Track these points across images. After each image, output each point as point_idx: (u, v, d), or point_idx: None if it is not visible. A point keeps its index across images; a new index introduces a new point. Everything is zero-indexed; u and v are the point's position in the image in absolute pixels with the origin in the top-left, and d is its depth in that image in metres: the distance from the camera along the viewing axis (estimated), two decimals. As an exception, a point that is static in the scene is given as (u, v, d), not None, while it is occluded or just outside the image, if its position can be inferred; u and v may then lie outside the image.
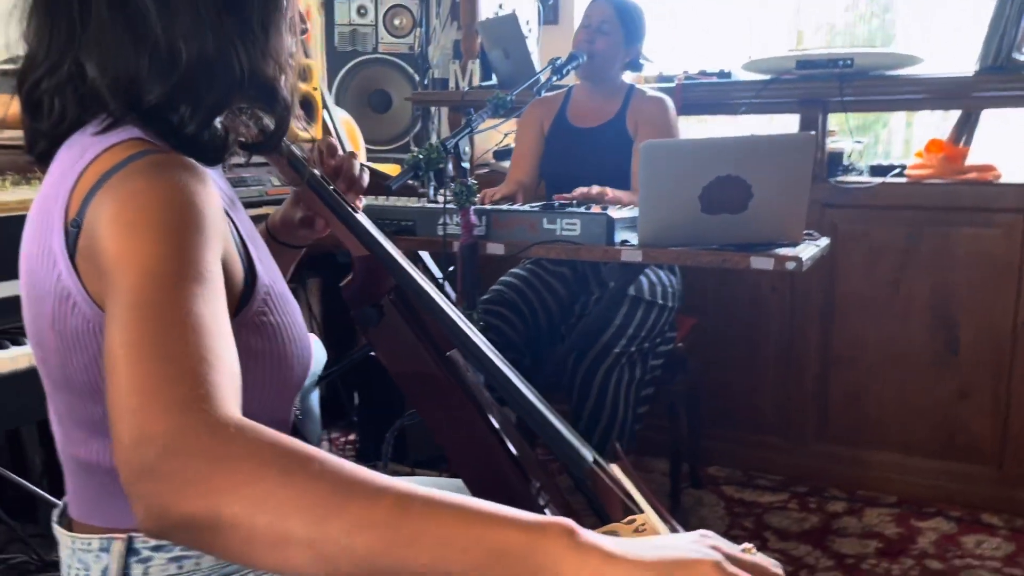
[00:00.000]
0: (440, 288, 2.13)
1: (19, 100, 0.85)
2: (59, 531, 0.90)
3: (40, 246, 0.80)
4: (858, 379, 2.72)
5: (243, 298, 0.85)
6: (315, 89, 2.94)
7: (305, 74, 2.86)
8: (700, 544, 0.65)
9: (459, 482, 1.09)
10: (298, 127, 0.94)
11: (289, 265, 1.18)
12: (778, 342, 2.80)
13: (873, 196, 2.60)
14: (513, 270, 2.45)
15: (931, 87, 2.51)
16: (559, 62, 2.24)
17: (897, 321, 2.64)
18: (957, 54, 2.83)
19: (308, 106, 2.91)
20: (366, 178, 1.15)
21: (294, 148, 1.05)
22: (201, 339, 0.66)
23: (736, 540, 0.69)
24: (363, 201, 1.14)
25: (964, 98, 2.49)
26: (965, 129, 2.64)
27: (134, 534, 0.85)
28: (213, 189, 0.80)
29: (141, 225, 0.72)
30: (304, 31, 0.93)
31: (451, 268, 2.00)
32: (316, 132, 2.95)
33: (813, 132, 1.83)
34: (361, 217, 1.08)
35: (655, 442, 2.69)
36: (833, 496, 2.68)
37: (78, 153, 0.81)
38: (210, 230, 0.75)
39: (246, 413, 0.66)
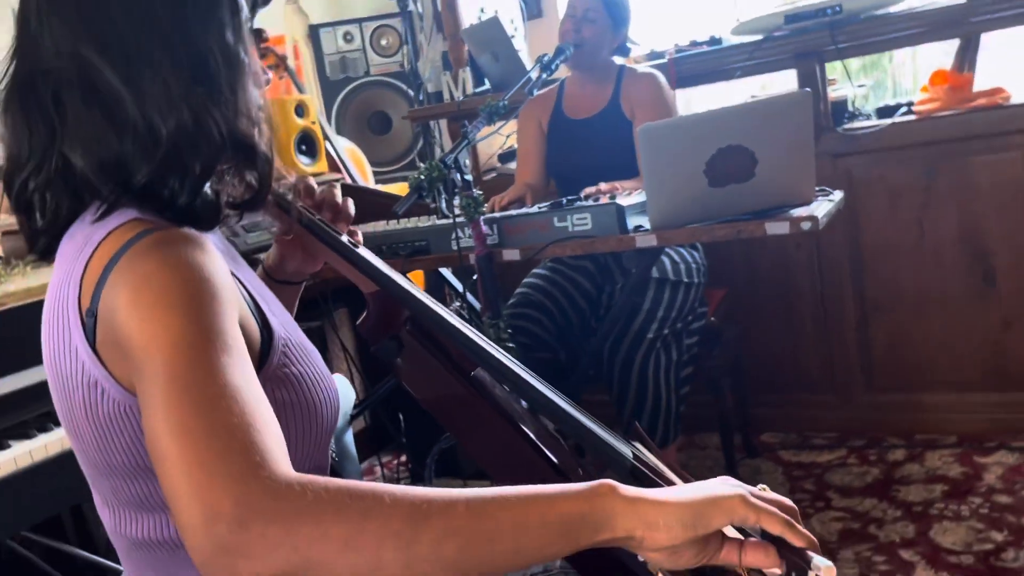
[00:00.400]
0: (463, 299, 2.15)
1: (9, 203, 0.87)
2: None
3: (60, 340, 0.82)
4: (898, 324, 2.69)
5: (263, 354, 0.87)
6: (314, 123, 2.96)
7: (302, 110, 2.88)
8: (724, 483, 0.76)
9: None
10: (282, 172, 0.95)
11: (293, 301, 1.19)
12: (812, 299, 2.77)
13: (883, 138, 2.56)
14: (535, 271, 2.45)
15: (925, 20, 2.46)
16: (546, 58, 2.24)
17: (928, 260, 2.60)
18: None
19: (310, 141, 2.93)
20: (351, 206, 1.15)
21: (286, 195, 1.05)
22: (242, 408, 0.69)
23: (799, 503, 0.75)
24: (360, 235, 1.15)
25: (961, 25, 2.44)
26: (967, 56, 2.59)
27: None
28: (217, 256, 0.81)
29: (160, 307, 0.73)
30: (267, 82, 0.94)
31: (474, 276, 2.01)
32: (321, 166, 2.97)
33: (808, 89, 1.80)
34: (364, 252, 1.09)
35: (703, 418, 2.68)
36: (892, 445, 2.65)
37: (81, 243, 0.82)
38: (224, 298, 0.77)
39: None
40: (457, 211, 1.84)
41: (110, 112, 0.81)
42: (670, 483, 0.97)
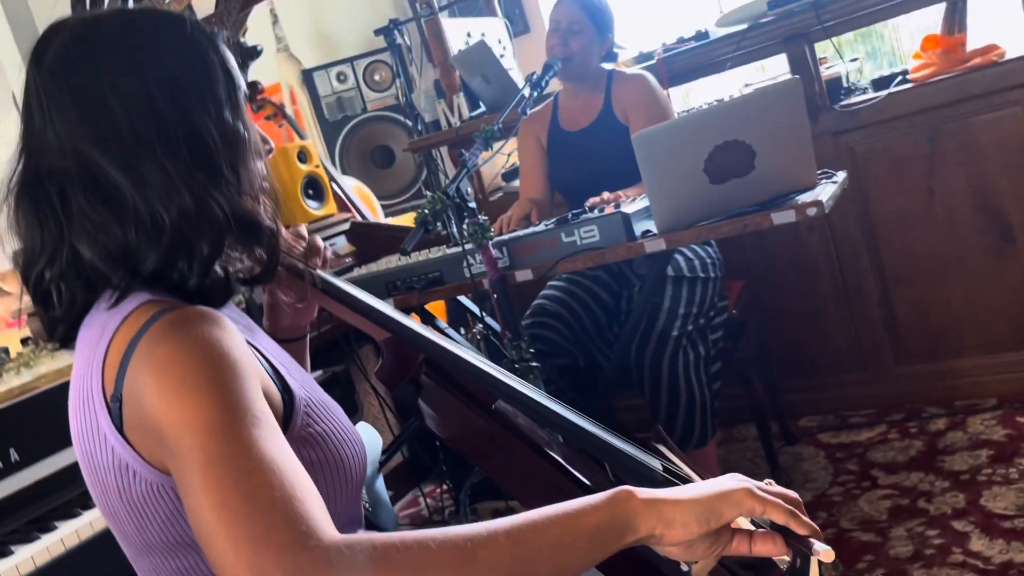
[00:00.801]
0: (483, 324, 2.16)
1: (28, 294, 0.90)
2: None
3: (88, 426, 0.84)
4: (921, 293, 2.67)
5: (286, 416, 0.88)
6: (317, 167, 2.99)
7: (304, 156, 2.92)
8: (732, 479, 0.82)
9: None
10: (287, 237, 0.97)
11: (303, 356, 1.21)
12: (831, 279, 2.76)
13: (882, 110, 2.55)
14: (550, 283, 2.46)
15: (909, -13, 2.46)
16: (535, 76, 2.26)
17: (942, 226, 2.58)
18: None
19: (316, 185, 2.97)
20: (318, 240, 1.17)
21: (297, 264, 1.07)
22: (281, 479, 0.71)
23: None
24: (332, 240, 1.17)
25: (945, -12, 2.43)
26: (956, 16, 2.57)
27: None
28: (233, 330, 0.83)
29: (186, 390, 0.75)
30: (269, 151, 0.96)
31: (495, 296, 2.01)
32: (330, 208, 3.00)
33: (797, 75, 1.80)
34: (369, 298, 1.10)
35: (738, 410, 2.67)
36: (931, 415, 2.63)
37: (98, 330, 0.84)
38: (245, 372, 0.79)
39: None
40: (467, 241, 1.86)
41: (113, 204, 0.84)
42: None
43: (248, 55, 3.16)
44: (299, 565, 0.66)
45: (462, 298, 2.28)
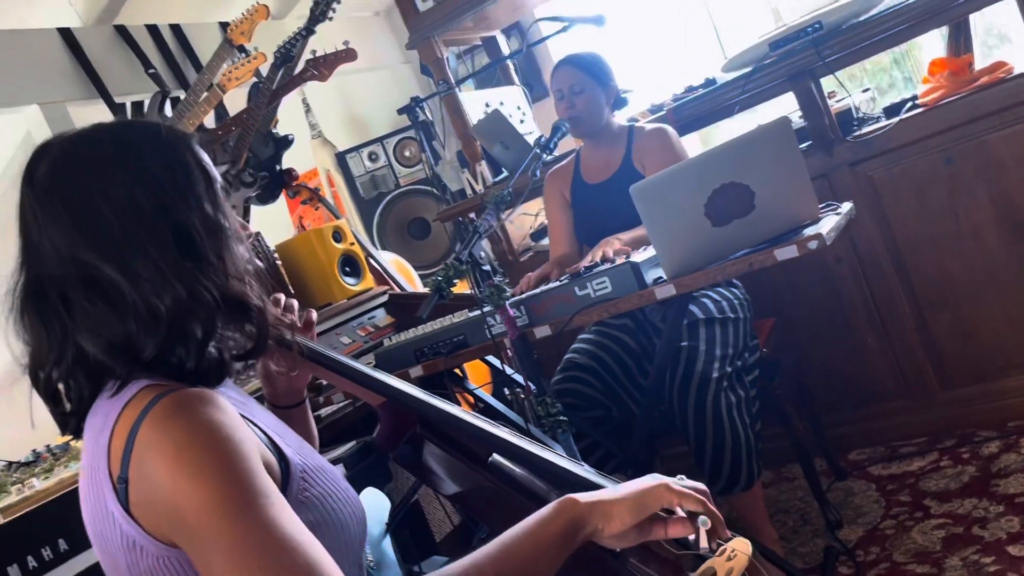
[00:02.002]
0: (511, 381, 2.20)
1: (37, 392, 0.97)
2: None
3: (97, 508, 0.91)
4: (959, 315, 2.63)
5: (284, 482, 0.94)
6: (352, 244, 3.10)
7: (339, 236, 3.03)
8: (652, 478, 0.97)
9: None
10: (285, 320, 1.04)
11: (306, 422, 1.28)
12: (865, 309, 2.74)
13: (895, 137, 2.56)
14: (580, 336, 2.50)
15: (907, 15, 2.47)
16: (543, 139, 2.33)
17: (971, 245, 2.56)
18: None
19: (352, 262, 3.07)
20: (311, 313, 1.24)
21: (285, 335, 1.14)
22: (301, 554, 0.80)
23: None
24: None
25: (944, 12, 2.45)
26: (959, 39, 2.59)
27: None
28: (230, 409, 0.90)
29: (202, 476, 0.83)
30: (249, 236, 1.04)
31: (518, 354, 2.05)
32: (367, 283, 3.10)
33: (786, 115, 1.84)
34: (361, 366, 1.16)
35: (784, 450, 2.64)
36: (984, 438, 2.56)
37: (102, 419, 0.92)
38: (248, 451, 0.86)
39: None
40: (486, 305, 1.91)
41: (112, 301, 0.92)
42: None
43: (281, 145, 3.32)
44: None
45: (491, 359, 2.33)
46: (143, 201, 0.94)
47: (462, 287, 3.37)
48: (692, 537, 0.96)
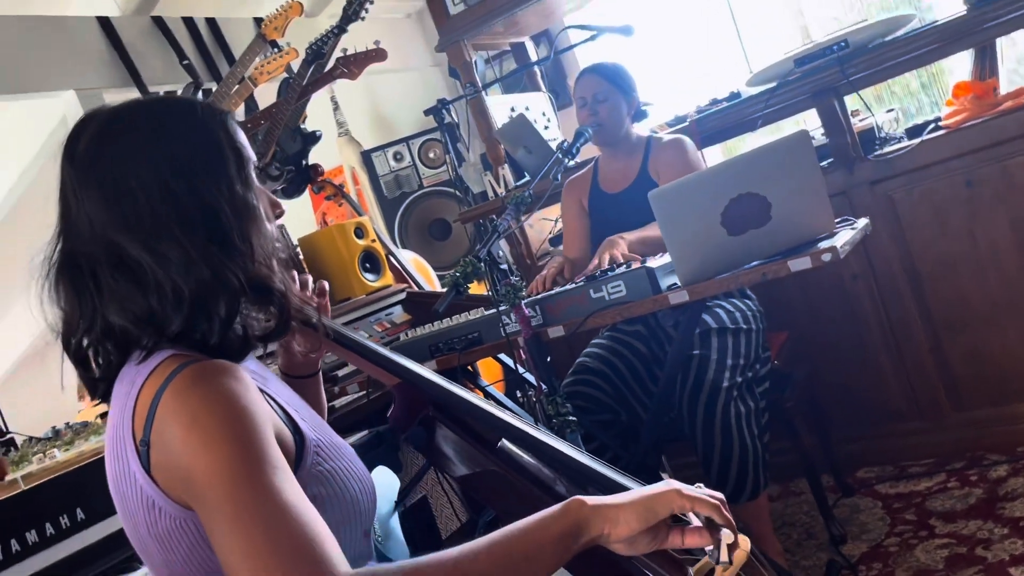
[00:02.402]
0: (523, 380, 2.23)
1: (68, 358, 1.01)
2: None
3: (120, 469, 0.95)
4: (974, 337, 2.63)
5: (298, 456, 0.98)
6: (374, 241, 3.14)
7: (361, 232, 3.08)
8: (664, 484, 0.95)
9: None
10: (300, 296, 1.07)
11: (318, 392, 1.32)
12: (880, 327, 2.75)
13: (917, 157, 2.57)
14: (593, 341, 2.52)
15: (932, 37, 2.49)
16: (566, 144, 2.37)
17: (989, 268, 2.56)
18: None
19: (372, 258, 3.11)
20: (325, 285, 1.28)
21: (311, 317, 1.17)
22: (301, 524, 0.83)
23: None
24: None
25: (969, 35, 2.46)
26: (985, 63, 2.60)
27: None
28: (250, 383, 0.93)
29: (214, 443, 0.86)
30: (280, 214, 1.07)
31: (529, 353, 2.07)
32: (386, 279, 3.14)
33: (806, 129, 1.86)
34: (380, 347, 1.20)
35: (794, 464, 2.65)
36: (992, 462, 2.56)
37: (128, 385, 0.96)
38: (263, 423, 0.90)
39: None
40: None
41: (138, 280, 0.95)
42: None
43: (308, 140, 3.38)
44: None
45: (503, 356, 2.36)
46: (174, 184, 0.97)
47: (479, 289, 3.41)
48: (710, 548, 0.94)
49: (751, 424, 2.17)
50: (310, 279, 1.26)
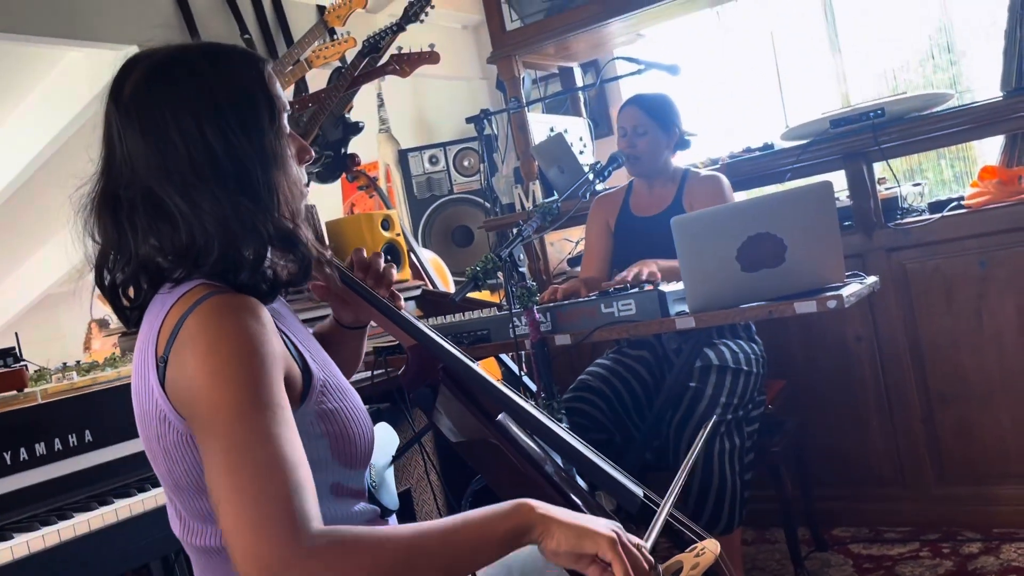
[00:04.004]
0: (521, 383, 2.29)
1: (98, 287, 1.09)
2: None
3: (141, 379, 1.02)
4: (967, 415, 2.68)
5: (304, 391, 1.04)
6: (398, 235, 3.22)
7: (387, 224, 3.16)
8: (608, 526, 1.00)
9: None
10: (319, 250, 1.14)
11: (360, 340, 1.39)
12: (876, 391, 2.80)
13: (935, 231, 2.64)
14: (597, 360, 2.59)
15: (967, 118, 2.57)
16: (599, 166, 2.45)
17: (991, 349, 2.62)
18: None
19: (394, 251, 3.19)
20: (392, 272, 1.35)
21: (331, 260, 1.24)
22: (288, 473, 0.90)
23: None
24: (402, 300, 1.34)
25: (1002, 122, 2.54)
26: (1015, 150, 2.67)
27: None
28: (268, 321, 1.00)
29: (223, 378, 0.93)
30: (309, 159, 1.14)
31: (534, 356, 2.14)
32: (404, 274, 3.22)
33: (830, 180, 1.93)
34: (404, 312, 1.27)
35: (773, 512, 2.69)
36: (967, 538, 2.60)
37: (159, 306, 1.03)
38: (274, 364, 0.97)
39: (329, 485, 0.96)
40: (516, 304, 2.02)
41: (173, 224, 1.02)
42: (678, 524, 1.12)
43: (351, 130, 3.47)
44: (289, 555, 0.85)
45: (504, 357, 2.42)
46: (211, 136, 1.02)
47: (494, 299, 3.48)
48: None
49: (733, 460, 2.22)
50: (381, 259, 1.34)
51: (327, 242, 2.77)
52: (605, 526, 0.99)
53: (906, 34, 3.98)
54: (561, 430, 1.21)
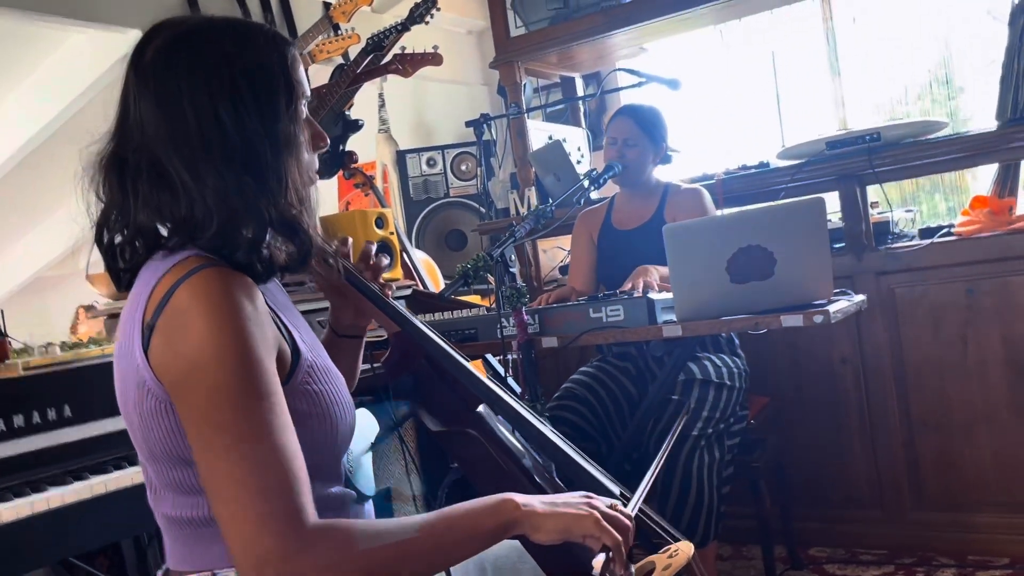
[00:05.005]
0: (504, 383, 2.29)
1: (97, 247, 1.08)
2: (160, 585, 1.08)
3: (125, 344, 1.02)
4: (946, 442, 2.69)
5: (291, 370, 1.04)
6: (391, 234, 3.22)
7: (381, 222, 3.16)
8: (584, 502, 1.05)
9: (516, 543, 1.21)
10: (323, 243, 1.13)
11: (357, 353, 1.37)
12: (859, 413, 2.81)
13: (924, 257, 2.66)
14: (581, 368, 2.59)
15: (962, 146, 2.59)
16: (594, 173, 2.46)
17: (974, 378, 2.63)
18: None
19: (387, 250, 3.18)
20: (382, 261, 1.35)
21: (330, 252, 1.24)
22: (287, 467, 0.92)
23: None
24: (393, 290, 1.34)
25: (995, 152, 2.56)
26: (1007, 181, 2.69)
27: (216, 571, 1.02)
28: (262, 304, 1.00)
29: (217, 359, 0.93)
30: (323, 147, 1.14)
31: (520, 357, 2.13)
32: (396, 273, 3.22)
33: (822, 196, 1.94)
34: (394, 302, 1.27)
35: (748, 530, 2.70)
36: (941, 564, 2.61)
37: (151, 271, 1.02)
38: (267, 347, 0.97)
39: (307, 466, 0.93)
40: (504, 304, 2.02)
41: (174, 194, 1.02)
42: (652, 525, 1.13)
43: (350, 127, 3.48)
44: (288, 549, 0.88)
45: (489, 357, 2.43)
46: (223, 113, 1.01)
47: (484, 302, 3.48)
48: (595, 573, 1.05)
49: (712, 474, 2.23)
50: (373, 247, 1.32)
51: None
52: (583, 506, 1.04)
53: (906, 65, 4.01)
54: (541, 425, 1.22)
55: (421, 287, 3.46)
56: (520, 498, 1.02)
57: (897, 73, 4.04)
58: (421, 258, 3.70)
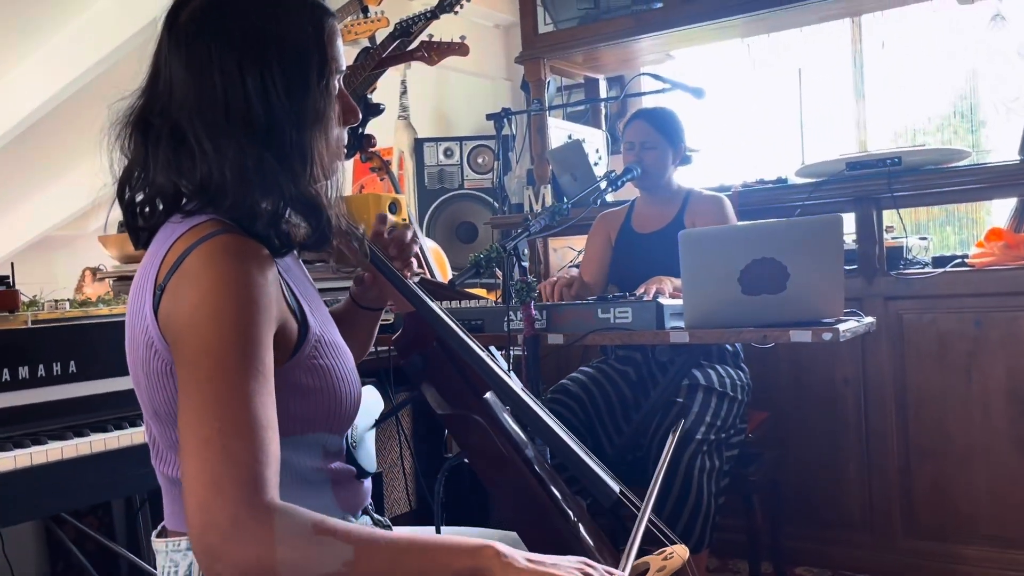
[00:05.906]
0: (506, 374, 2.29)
1: (119, 203, 1.08)
2: (156, 542, 1.08)
3: (137, 303, 1.02)
4: (942, 471, 2.69)
5: (298, 343, 1.04)
6: (404, 220, 3.22)
7: (395, 207, 3.16)
8: (578, 568, 0.95)
9: (513, 535, 1.20)
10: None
11: (374, 323, 1.38)
12: (857, 436, 2.81)
13: (936, 286, 2.65)
14: (581, 367, 2.59)
15: (982, 176, 2.59)
16: (613, 175, 2.46)
17: (975, 410, 2.63)
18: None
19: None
20: (413, 248, 1.34)
21: (357, 233, 1.23)
22: (257, 438, 0.90)
23: None
24: (412, 271, 1.33)
25: (1017, 185, 2.56)
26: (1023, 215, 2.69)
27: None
28: (272, 276, 0.99)
29: (215, 323, 0.92)
30: (352, 122, 1.12)
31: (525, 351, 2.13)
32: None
33: (840, 214, 1.94)
34: (411, 283, 1.27)
35: (739, 543, 2.69)
36: (928, 594, 2.61)
37: (168, 232, 1.02)
38: (267, 318, 0.96)
39: (309, 440, 0.96)
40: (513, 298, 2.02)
41: (192, 161, 1.01)
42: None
43: (371, 111, 3.47)
44: (239, 517, 0.85)
45: (494, 352, 2.43)
46: (250, 84, 1.00)
47: (492, 297, 3.49)
48: None
49: (711, 481, 2.23)
50: (409, 233, 1.33)
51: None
52: (575, 572, 0.94)
53: (930, 95, 4.02)
54: (548, 418, 1.21)
55: (429, 275, 3.46)
56: (505, 548, 0.93)
57: (920, 101, 4.04)
58: (431, 247, 3.70)
